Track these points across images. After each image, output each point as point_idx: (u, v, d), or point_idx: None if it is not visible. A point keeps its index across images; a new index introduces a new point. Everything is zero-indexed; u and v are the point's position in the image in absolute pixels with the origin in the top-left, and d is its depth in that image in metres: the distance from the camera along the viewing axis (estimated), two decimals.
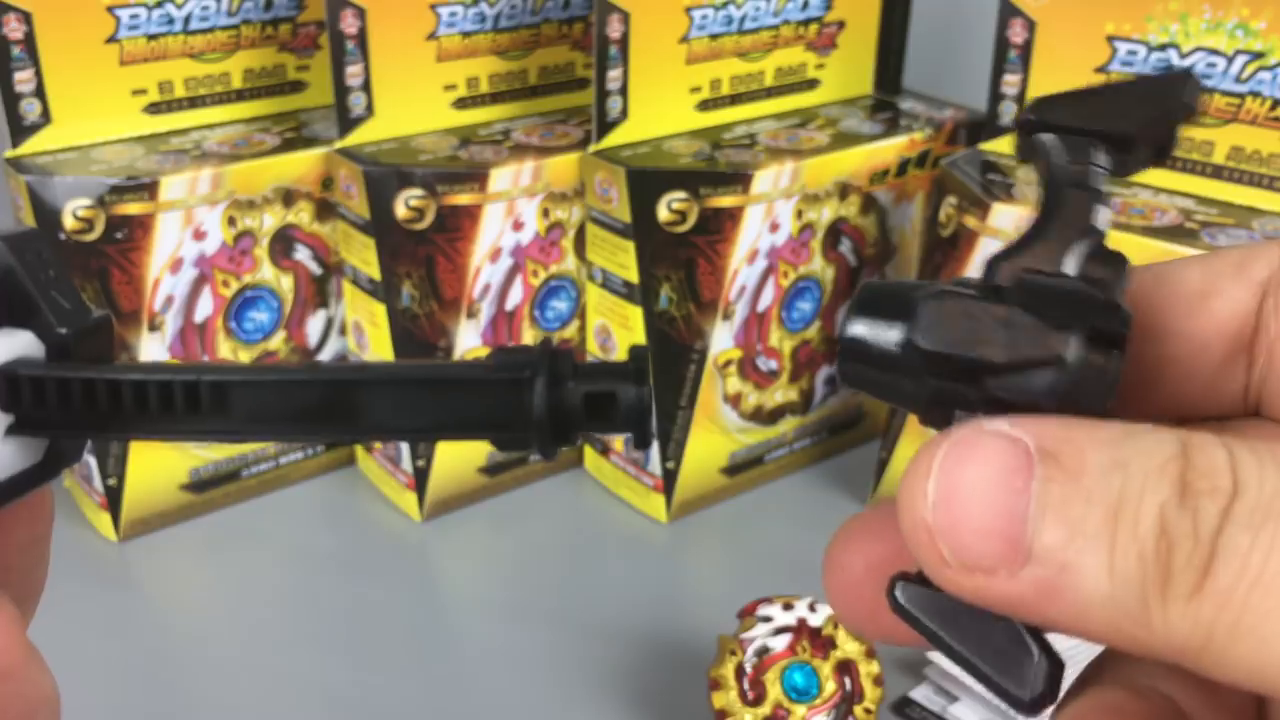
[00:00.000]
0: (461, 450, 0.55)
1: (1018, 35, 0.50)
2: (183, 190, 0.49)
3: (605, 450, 0.57)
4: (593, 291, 0.53)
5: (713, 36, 0.52)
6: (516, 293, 0.53)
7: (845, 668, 0.42)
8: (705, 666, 0.43)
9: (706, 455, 0.55)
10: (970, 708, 0.42)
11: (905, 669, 0.44)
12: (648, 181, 0.49)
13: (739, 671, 0.42)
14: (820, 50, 0.57)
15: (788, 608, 0.43)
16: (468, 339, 0.53)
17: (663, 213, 0.49)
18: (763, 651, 0.42)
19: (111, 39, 0.49)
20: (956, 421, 0.17)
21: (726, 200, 0.50)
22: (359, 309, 0.53)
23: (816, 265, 0.54)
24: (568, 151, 0.52)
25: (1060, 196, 0.17)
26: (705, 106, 0.54)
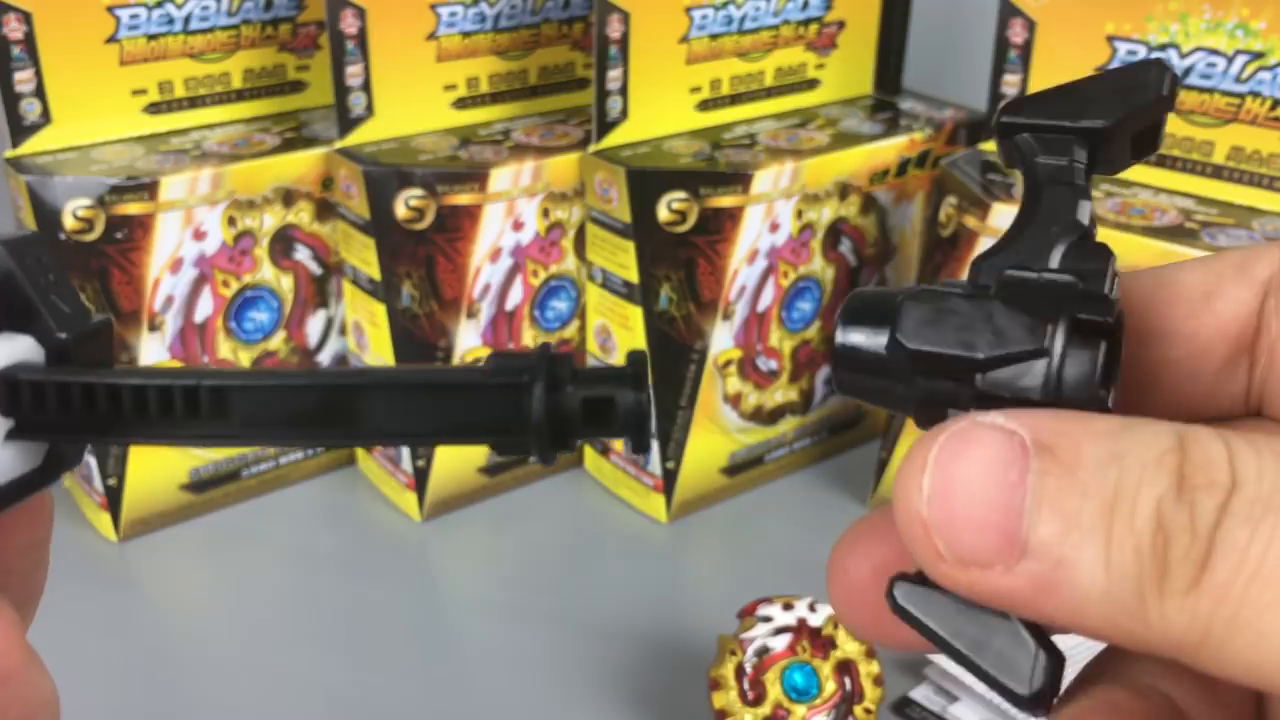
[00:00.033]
0: (461, 450, 0.55)
1: (1018, 35, 0.50)
2: (183, 190, 0.49)
3: (605, 450, 0.57)
4: (593, 291, 0.53)
5: (713, 36, 0.52)
6: (516, 293, 0.53)
7: (845, 668, 0.42)
8: (705, 666, 0.44)
9: (706, 455, 0.55)
10: (970, 708, 0.42)
11: (905, 669, 0.44)
12: (648, 181, 0.49)
13: (739, 671, 0.42)
14: (820, 50, 0.57)
15: (788, 608, 0.43)
16: (468, 339, 0.53)
17: (663, 213, 0.49)
18: (763, 651, 0.42)
19: (111, 39, 0.49)
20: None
21: (726, 200, 0.50)
22: (359, 309, 0.53)
23: (816, 265, 0.54)
24: (568, 151, 0.52)
25: (1041, 193, 0.17)
26: (705, 106, 0.54)
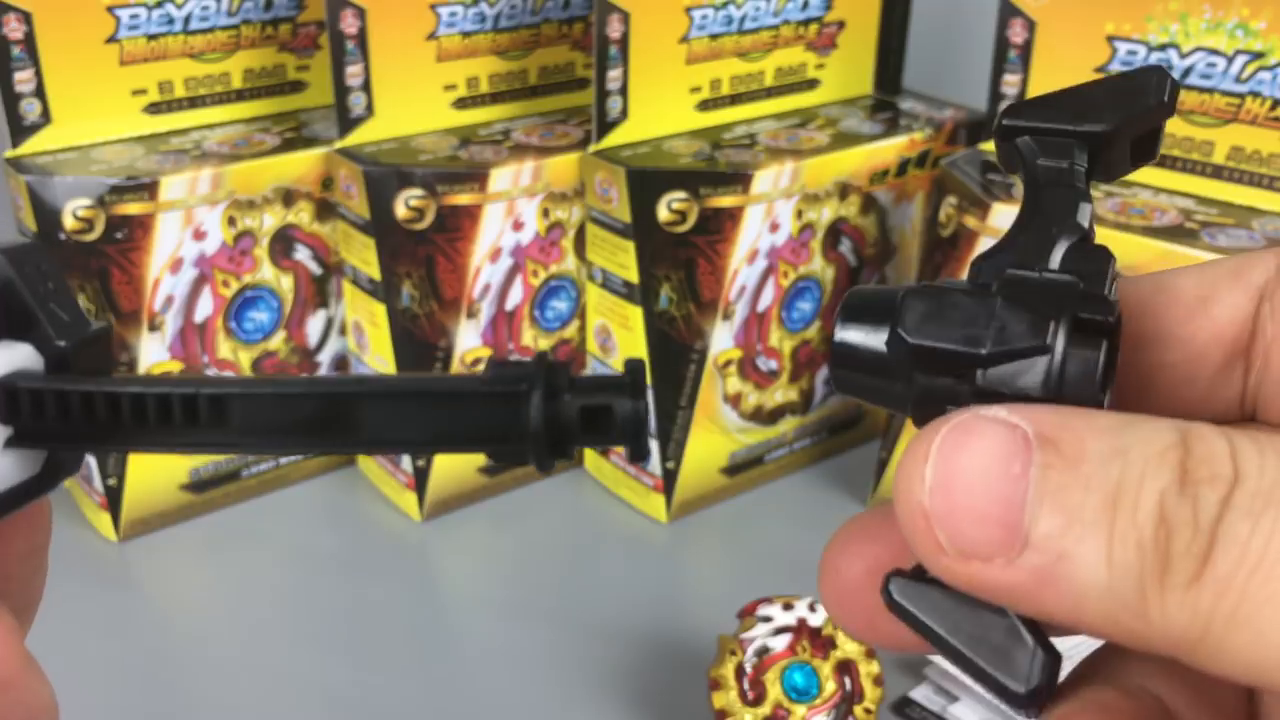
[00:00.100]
0: None
1: (1018, 35, 0.50)
2: (183, 190, 0.49)
3: (605, 450, 0.57)
4: (593, 291, 0.53)
5: (713, 36, 0.52)
6: (516, 293, 0.53)
7: (845, 668, 0.42)
8: (705, 666, 0.44)
9: (706, 455, 0.55)
10: (970, 708, 0.42)
11: (905, 669, 0.44)
12: (648, 181, 0.49)
13: (739, 671, 0.42)
14: (820, 50, 0.57)
15: (788, 608, 0.43)
16: (468, 339, 0.53)
17: (663, 213, 0.49)
18: (763, 651, 0.42)
19: (111, 39, 0.49)
20: None
21: (726, 200, 0.50)
22: (359, 309, 0.53)
23: (816, 265, 0.54)
24: (568, 151, 0.52)
25: (1041, 195, 0.17)
26: (705, 106, 0.54)
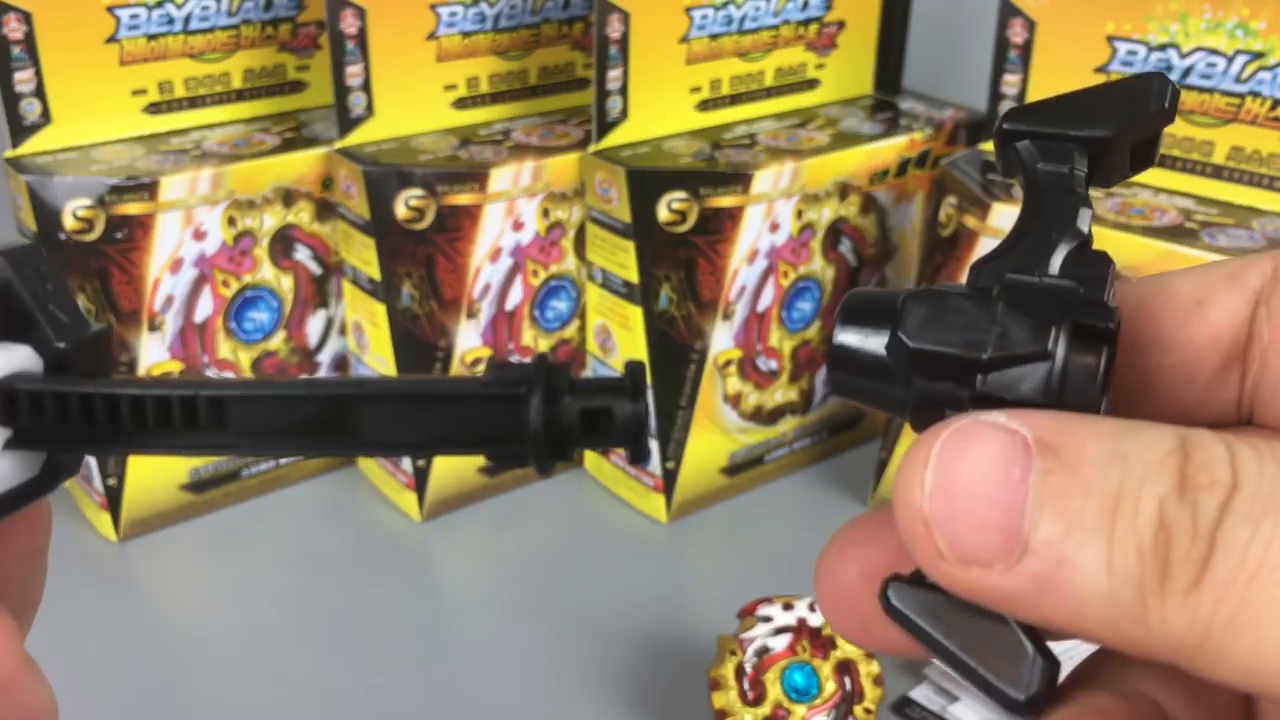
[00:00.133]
0: None
1: (1018, 35, 0.50)
2: (183, 190, 0.49)
3: (605, 452, 0.57)
4: (593, 291, 0.53)
5: (713, 36, 0.52)
6: (516, 293, 0.53)
7: (845, 668, 0.42)
8: (705, 666, 0.44)
9: (706, 455, 0.55)
10: (970, 708, 0.42)
11: (905, 669, 0.44)
12: (648, 181, 0.49)
13: (739, 671, 0.42)
14: (820, 50, 0.57)
15: (788, 608, 0.43)
16: (468, 339, 0.53)
17: (663, 213, 0.49)
18: (763, 651, 0.42)
19: (111, 39, 0.49)
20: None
21: (726, 200, 0.50)
22: (359, 309, 0.53)
23: (816, 265, 0.54)
24: (568, 151, 0.52)
25: (1042, 200, 0.17)
26: (705, 106, 0.54)
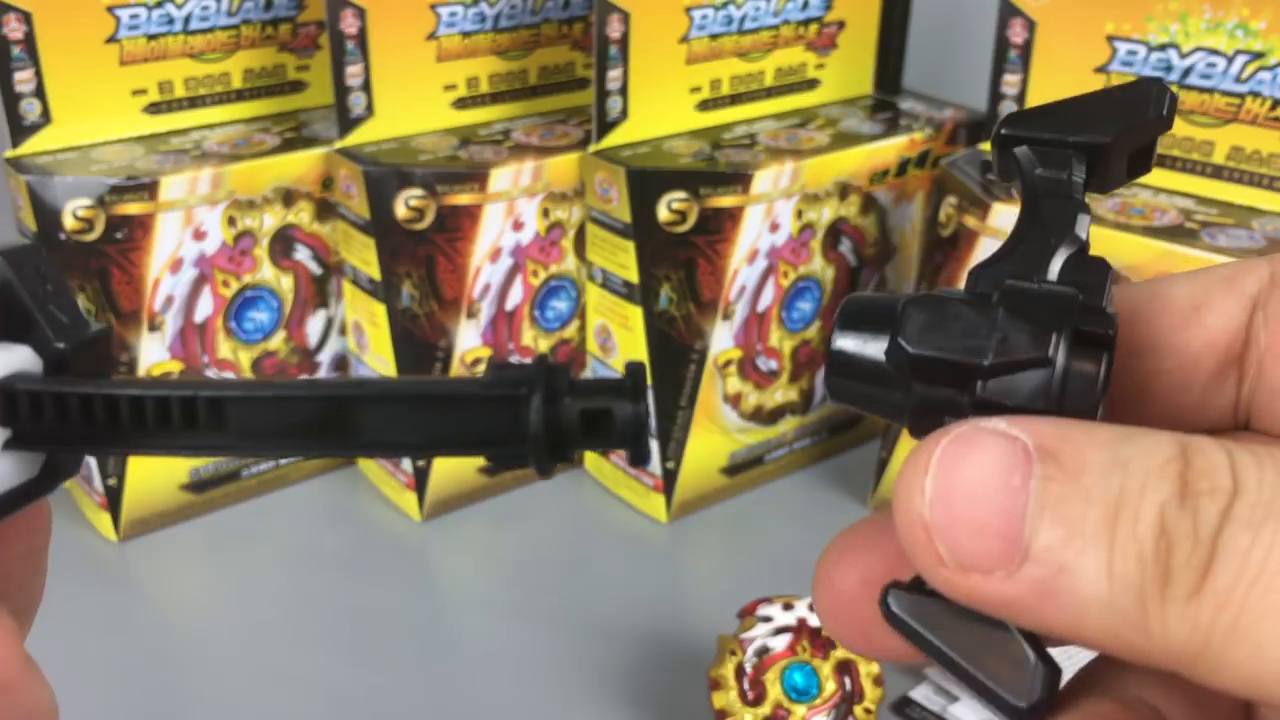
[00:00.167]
0: None
1: (1018, 35, 0.50)
2: (183, 190, 0.49)
3: (605, 452, 0.57)
4: (593, 291, 0.53)
5: (713, 36, 0.52)
6: (516, 293, 0.53)
7: (845, 668, 0.42)
8: (705, 666, 0.44)
9: (706, 455, 0.55)
10: (970, 708, 0.42)
11: (905, 669, 0.44)
12: (648, 181, 0.49)
13: (739, 671, 0.42)
14: (820, 50, 0.57)
15: (788, 608, 0.43)
16: (468, 339, 0.53)
17: (663, 213, 0.49)
18: (763, 651, 0.42)
19: (111, 39, 0.49)
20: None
21: (726, 200, 0.50)
22: (359, 309, 0.53)
23: (816, 265, 0.54)
24: (568, 151, 0.52)
25: (1040, 205, 0.17)
26: (705, 106, 0.54)
